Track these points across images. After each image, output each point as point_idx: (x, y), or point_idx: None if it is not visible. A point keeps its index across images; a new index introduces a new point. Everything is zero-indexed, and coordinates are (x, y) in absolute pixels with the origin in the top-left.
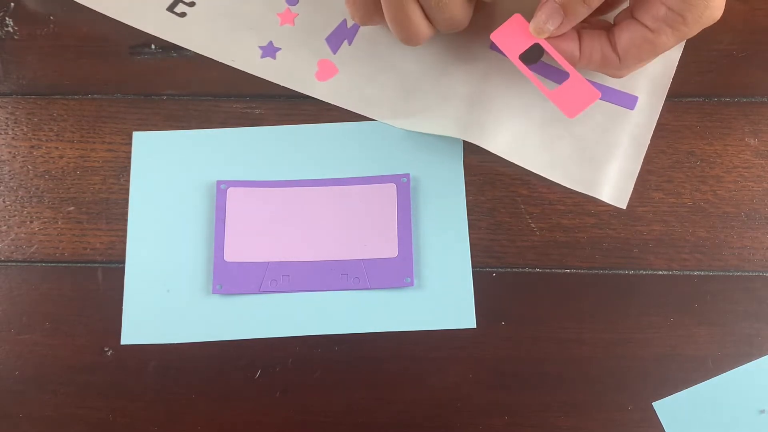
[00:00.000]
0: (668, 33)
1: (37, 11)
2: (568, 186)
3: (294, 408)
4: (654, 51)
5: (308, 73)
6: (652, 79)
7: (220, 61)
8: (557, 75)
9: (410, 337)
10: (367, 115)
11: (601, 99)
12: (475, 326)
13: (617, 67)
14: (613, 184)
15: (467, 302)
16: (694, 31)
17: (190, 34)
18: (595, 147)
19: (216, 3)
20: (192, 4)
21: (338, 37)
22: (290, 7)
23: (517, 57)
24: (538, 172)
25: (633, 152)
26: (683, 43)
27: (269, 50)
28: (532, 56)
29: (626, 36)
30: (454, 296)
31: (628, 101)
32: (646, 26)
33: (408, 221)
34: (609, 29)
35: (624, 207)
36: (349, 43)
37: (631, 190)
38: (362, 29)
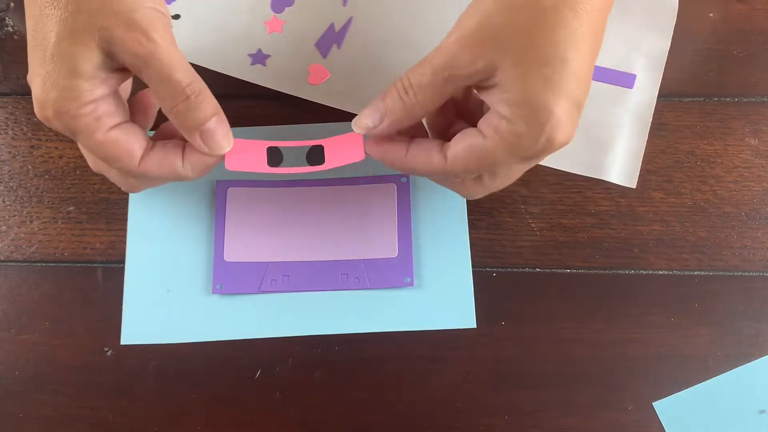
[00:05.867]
0: (500, 144)
1: None
2: (575, 172)
3: (294, 408)
4: (481, 159)
5: (301, 77)
6: (647, 54)
7: (210, 68)
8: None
9: (410, 337)
10: None
11: (599, 80)
12: (475, 326)
13: (443, 169)
14: (620, 164)
15: (467, 302)
16: (531, 150)
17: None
18: (599, 129)
19: (202, 16)
20: (177, 17)
21: (327, 42)
22: (276, 15)
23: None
24: (542, 164)
25: (637, 130)
26: (673, 26)
27: (259, 57)
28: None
29: (458, 140)
30: (454, 296)
31: (626, 80)
32: (481, 131)
33: (408, 221)
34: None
35: (634, 186)
36: (339, 47)
37: (639, 168)
38: (351, 32)
